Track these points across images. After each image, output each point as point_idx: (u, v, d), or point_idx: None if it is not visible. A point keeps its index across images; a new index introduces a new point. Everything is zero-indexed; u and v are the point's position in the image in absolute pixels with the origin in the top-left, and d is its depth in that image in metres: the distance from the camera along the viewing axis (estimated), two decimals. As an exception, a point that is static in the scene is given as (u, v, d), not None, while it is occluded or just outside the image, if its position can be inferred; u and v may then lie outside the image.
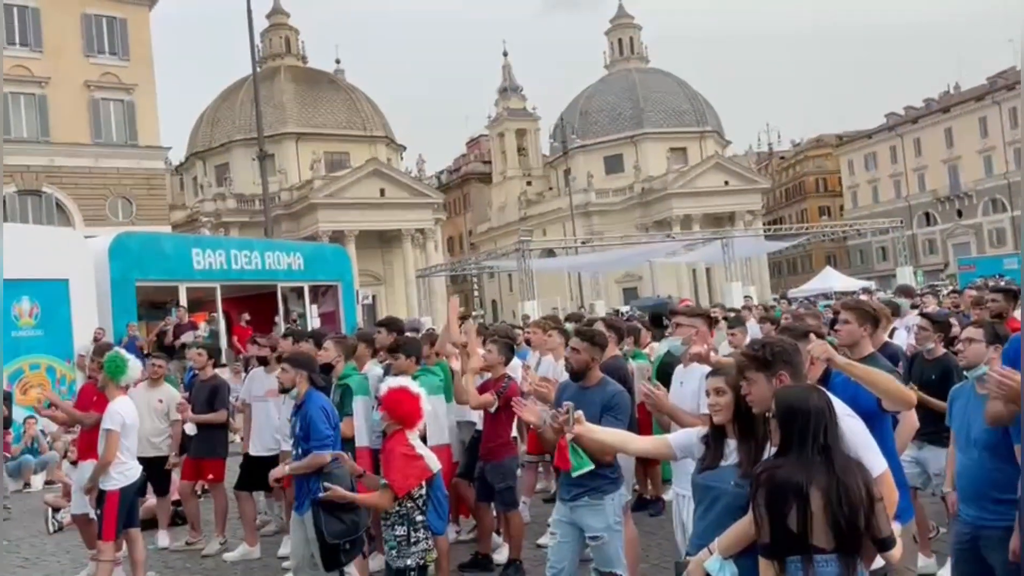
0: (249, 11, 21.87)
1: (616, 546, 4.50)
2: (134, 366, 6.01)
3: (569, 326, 7.51)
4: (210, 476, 7.53)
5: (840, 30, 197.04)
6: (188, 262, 15.96)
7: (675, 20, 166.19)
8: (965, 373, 4.03)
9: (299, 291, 18.82)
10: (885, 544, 2.68)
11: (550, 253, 44.69)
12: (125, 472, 5.76)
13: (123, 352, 6.14)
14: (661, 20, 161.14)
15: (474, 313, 42.50)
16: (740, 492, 2.97)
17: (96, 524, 5.92)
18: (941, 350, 5.81)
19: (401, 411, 4.35)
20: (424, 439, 4.78)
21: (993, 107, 62.38)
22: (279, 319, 17.52)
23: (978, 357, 3.86)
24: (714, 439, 3.21)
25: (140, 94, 34.52)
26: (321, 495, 4.60)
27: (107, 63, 33.85)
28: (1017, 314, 7.53)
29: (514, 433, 6.32)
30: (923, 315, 6.62)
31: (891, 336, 7.98)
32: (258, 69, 26.05)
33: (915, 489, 5.57)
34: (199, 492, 8.18)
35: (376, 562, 5.91)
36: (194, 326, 14.66)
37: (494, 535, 6.55)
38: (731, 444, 3.15)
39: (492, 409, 5.89)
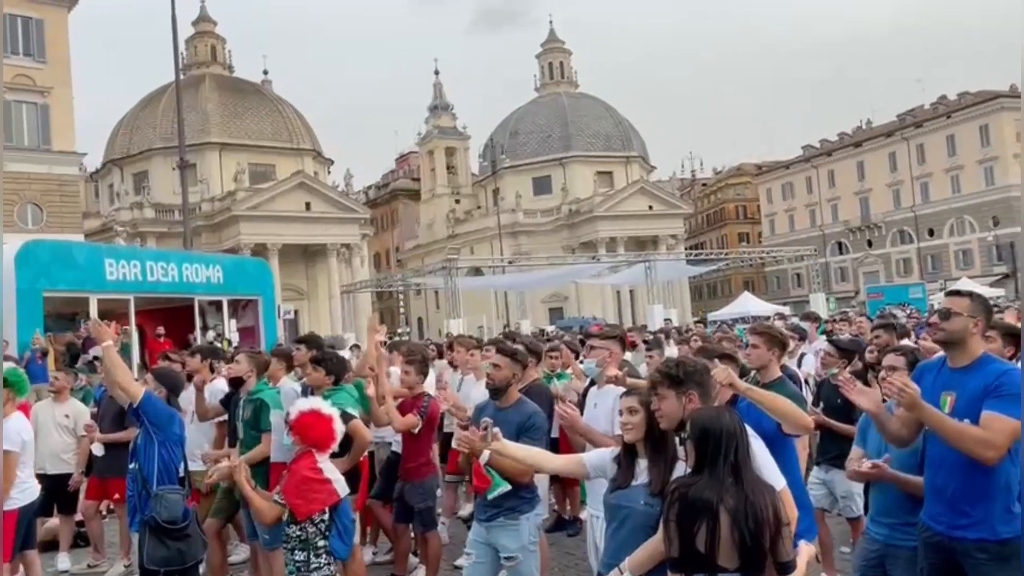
0: (174, 17, 21.30)
1: (531, 566, 4.51)
2: (28, 384, 5.89)
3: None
4: (116, 496, 7.24)
5: (760, 65, 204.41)
6: (100, 272, 15.38)
7: (604, 47, 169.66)
8: (885, 399, 4.16)
9: (218, 305, 18.36)
10: (785, 568, 2.77)
11: (477, 271, 44.71)
12: (24, 490, 5.50)
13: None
14: (591, 46, 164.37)
15: (399, 330, 42.13)
16: (650, 511, 3.03)
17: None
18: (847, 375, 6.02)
19: (313, 435, 4.14)
20: (343, 451, 4.65)
21: (902, 143, 65.63)
22: (196, 334, 17.04)
23: None
24: (626, 459, 3.27)
25: (55, 97, 33.22)
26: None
27: (21, 64, 32.47)
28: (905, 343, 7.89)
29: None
30: (830, 342, 6.86)
31: (799, 361, 8.29)
32: (181, 76, 25.40)
33: (822, 510, 5.77)
34: (104, 512, 7.86)
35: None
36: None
37: (411, 556, 6.48)
38: (642, 464, 3.21)
39: (416, 430, 5.84)
